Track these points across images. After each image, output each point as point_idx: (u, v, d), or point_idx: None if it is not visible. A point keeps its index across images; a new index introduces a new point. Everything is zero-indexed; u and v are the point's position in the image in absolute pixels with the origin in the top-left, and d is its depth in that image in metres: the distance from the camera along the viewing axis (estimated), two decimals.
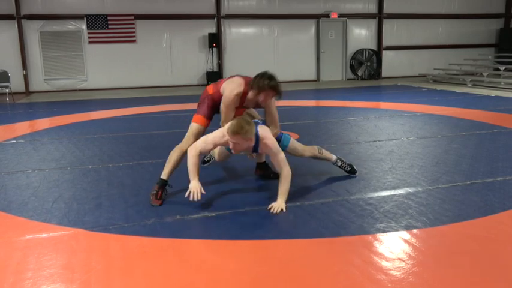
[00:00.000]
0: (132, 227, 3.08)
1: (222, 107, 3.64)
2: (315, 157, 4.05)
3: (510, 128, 6.34)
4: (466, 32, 16.61)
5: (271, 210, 3.29)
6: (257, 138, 3.42)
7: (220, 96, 3.68)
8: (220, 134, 3.44)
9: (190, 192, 3.28)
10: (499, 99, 9.71)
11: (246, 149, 3.45)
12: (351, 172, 4.16)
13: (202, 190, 3.31)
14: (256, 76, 3.64)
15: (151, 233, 2.97)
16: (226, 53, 14.58)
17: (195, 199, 3.27)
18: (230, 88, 3.62)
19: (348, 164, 4.18)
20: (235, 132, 3.21)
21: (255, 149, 3.50)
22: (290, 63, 15.06)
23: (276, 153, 3.43)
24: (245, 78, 3.74)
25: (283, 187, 3.40)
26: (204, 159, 4.56)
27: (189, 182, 3.34)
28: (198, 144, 3.47)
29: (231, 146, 3.33)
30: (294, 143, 3.93)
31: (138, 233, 2.97)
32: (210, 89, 3.83)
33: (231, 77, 3.83)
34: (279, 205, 3.32)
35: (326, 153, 4.11)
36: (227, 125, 3.35)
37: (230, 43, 14.59)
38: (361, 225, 3.03)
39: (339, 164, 4.14)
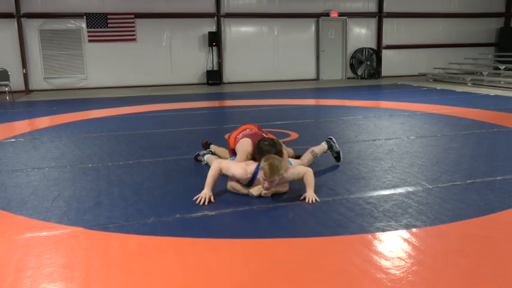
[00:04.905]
0: (132, 226, 3.07)
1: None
2: (313, 161, 4.33)
3: (510, 127, 6.34)
4: (466, 31, 16.61)
5: (306, 200, 3.46)
6: None
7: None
8: (242, 171, 3.56)
9: (199, 197, 3.45)
10: (499, 99, 9.71)
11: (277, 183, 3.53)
12: (337, 159, 4.55)
13: (212, 199, 3.46)
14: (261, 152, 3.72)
15: (151, 232, 2.97)
16: (226, 52, 14.57)
17: (201, 204, 3.41)
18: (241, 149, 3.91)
19: (336, 151, 4.53)
20: (274, 173, 3.35)
21: None
22: (290, 62, 15.06)
23: (297, 173, 3.62)
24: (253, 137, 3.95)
25: (309, 181, 3.57)
26: (197, 158, 4.70)
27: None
28: (223, 165, 3.63)
29: (266, 185, 3.44)
30: (295, 163, 4.01)
31: (138, 232, 2.97)
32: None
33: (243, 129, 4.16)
34: (310, 195, 3.48)
35: (319, 151, 4.41)
36: (252, 166, 3.51)
37: (230, 42, 14.58)
38: (360, 224, 3.03)
39: (329, 151, 4.53)
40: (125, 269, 2.49)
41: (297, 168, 3.72)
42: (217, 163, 3.63)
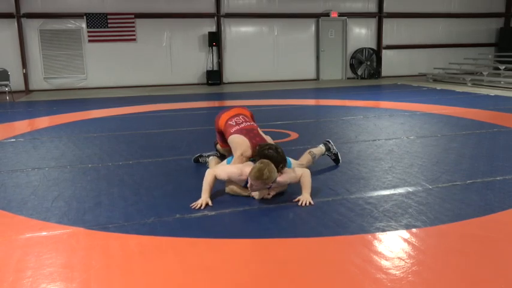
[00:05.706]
0: (132, 226, 3.08)
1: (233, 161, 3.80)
2: (312, 162, 4.27)
3: (510, 127, 6.34)
4: (466, 31, 16.61)
5: (299, 203, 3.41)
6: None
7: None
8: (237, 171, 3.54)
9: (196, 203, 3.42)
10: (499, 99, 9.71)
11: (262, 189, 3.49)
12: (335, 161, 4.52)
13: (210, 203, 3.43)
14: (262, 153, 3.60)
15: (150, 232, 2.97)
16: (226, 52, 14.57)
17: (197, 208, 3.39)
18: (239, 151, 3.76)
19: (334, 153, 4.51)
20: (257, 179, 3.31)
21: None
22: (290, 62, 15.06)
23: (294, 177, 3.58)
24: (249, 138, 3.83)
25: (305, 183, 3.55)
26: (199, 160, 4.64)
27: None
28: (218, 171, 3.61)
29: (248, 185, 3.44)
30: (294, 164, 3.94)
31: (138, 232, 2.97)
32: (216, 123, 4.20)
33: (234, 114, 4.10)
34: (305, 198, 3.45)
35: (317, 152, 4.34)
36: (249, 168, 3.42)
37: (230, 42, 14.58)
38: (360, 224, 3.03)
39: (327, 153, 4.49)
40: (125, 269, 2.49)
41: (294, 170, 3.65)
42: (212, 171, 3.60)
